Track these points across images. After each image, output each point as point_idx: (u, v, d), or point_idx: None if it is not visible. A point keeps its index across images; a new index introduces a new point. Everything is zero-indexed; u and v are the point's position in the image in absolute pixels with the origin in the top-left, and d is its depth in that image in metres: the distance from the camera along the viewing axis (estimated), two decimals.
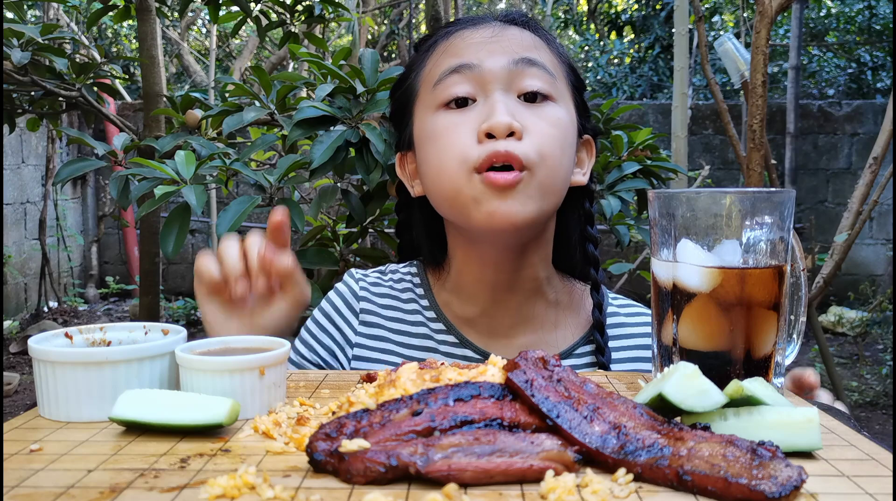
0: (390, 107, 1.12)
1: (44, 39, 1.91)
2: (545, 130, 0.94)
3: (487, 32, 0.99)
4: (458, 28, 1.02)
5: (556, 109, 0.97)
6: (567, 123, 0.98)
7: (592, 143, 1.08)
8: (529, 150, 0.92)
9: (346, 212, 1.64)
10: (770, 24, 2.09)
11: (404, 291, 1.10)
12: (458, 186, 0.94)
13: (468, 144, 0.93)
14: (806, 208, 6.38)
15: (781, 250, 0.76)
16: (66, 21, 5.60)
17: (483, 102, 0.95)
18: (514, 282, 1.03)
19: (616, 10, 9.42)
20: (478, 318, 1.05)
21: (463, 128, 0.94)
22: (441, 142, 0.96)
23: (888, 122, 2.44)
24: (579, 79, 1.05)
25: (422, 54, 1.05)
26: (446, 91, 0.96)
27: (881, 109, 6.32)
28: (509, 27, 1.00)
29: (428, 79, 1.01)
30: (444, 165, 0.95)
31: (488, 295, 1.03)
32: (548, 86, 0.96)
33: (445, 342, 1.05)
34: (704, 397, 0.63)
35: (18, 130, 4.11)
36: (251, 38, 6.64)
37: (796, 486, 0.52)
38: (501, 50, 0.96)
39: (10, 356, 4.93)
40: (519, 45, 0.98)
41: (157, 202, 1.38)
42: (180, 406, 0.65)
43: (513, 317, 1.04)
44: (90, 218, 6.95)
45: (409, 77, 1.05)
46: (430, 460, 0.54)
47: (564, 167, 0.97)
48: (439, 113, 0.97)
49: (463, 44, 0.99)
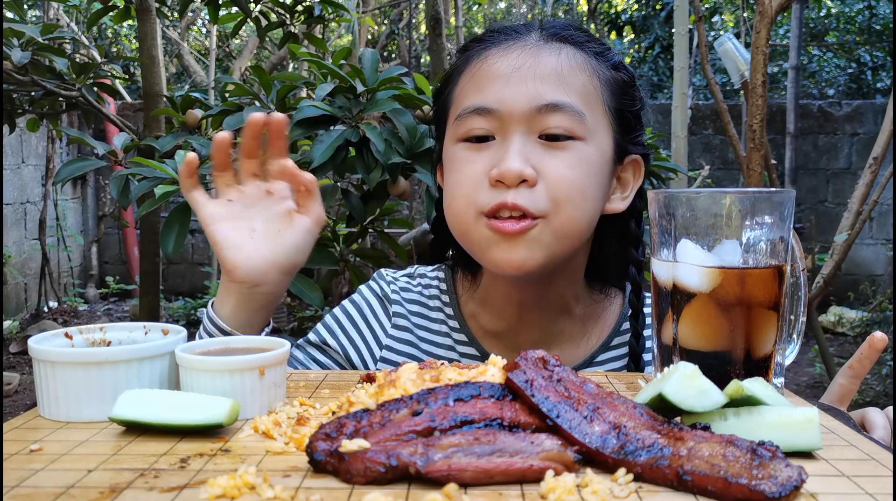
0: (433, 111, 1.09)
1: (44, 39, 1.91)
2: (563, 174, 0.90)
3: (515, 57, 0.94)
4: (490, 46, 0.97)
5: (581, 149, 0.92)
6: (593, 161, 0.93)
7: (641, 163, 1.01)
8: (541, 199, 0.89)
9: (346, 212, 1.64)
10: (770, 24, 2.09)
11: (431, 298, 1.09)
12: (466, 227, 0.93)
13: (478, 185, 0.91)
14: (806, 208, 6.38)
15: (781, 250, 0.76)
16: (66, 21, 5.60)
17: (501, 142, 0.92)
18: (541, 301, 1.01)
19: (616, 10, 9.42)
20: (503, 333, 1.04)
21: (476, 167, 0.92)
22: (454, 178, 0.95)
23: (888, 122, 2.44)
24: (627, 94, 0.99)
25: (459, 65, 1.01)
26: (465, 127, 0.94)
27: (881, 109, 6.32)
28: (543, 48, 0.95)
29: (457, 101, 0.98)
30: (454, 202, 0.95)
31: (514, 312, 1.02)
32: (573, 125, 0.91)
33: (466, 355, 1.04)
34: (704, 397, 0.63)
35: (18, 130, 4.11)
36: (251, 39, 6.64)
37: (796, 486, 0.52)
38: (525, 90, 0.91)
39: (10, 356, 4.93)
40: (548, 78, 0.92)
41: (157, 202, 1.38)
42: (180, 406, 0.65)
43: (537, 333, 1.03)
44: (90, 218, 6.94)
45: (447, 88, 1.02)
46: (430, 460, 0.54)
47: (586, 210, 0.93)
48: (459, 145, 0.95)
49: (490, 73, 0.94)
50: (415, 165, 1.48)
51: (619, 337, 1.05)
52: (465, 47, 1.03)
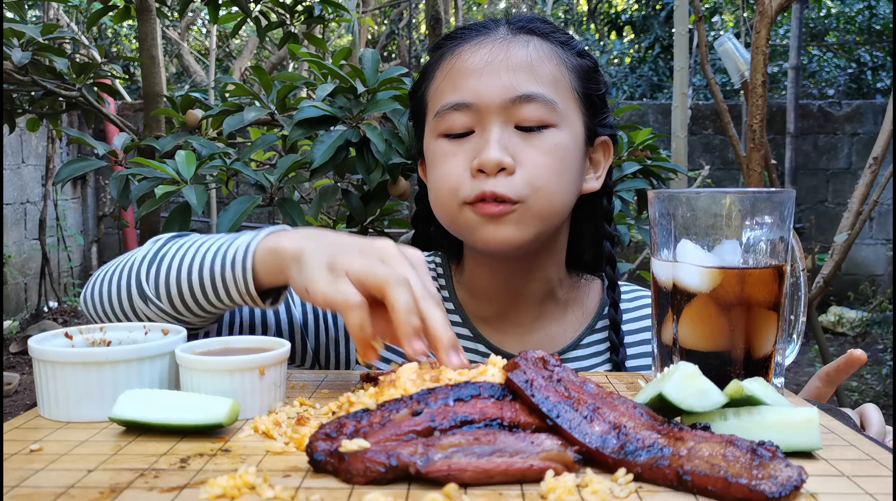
0: (410, 109, 1.14)
1: (44, 39, 1.91)
2: (539, 161, 0.95)
3: (487, 51, 0.98)
4: (462, 43, 1.01)
5: (555, 135, 0.97)
6: (567, 145, 0.98)
7: (609, 143, 1.08)
8: (520, 185, 0.94)
9: (347, 212, 1.64)
10: (770, 24, 2.09)
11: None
12: (452, 216, 0.99)
13: (461, 177, 0.96)
14: (806, 208, 6.38)
15: (781, 250, 0.76)
16: (66, 21, 5.60)
17: (480, 134, 0.97)
18: (526, 288, 1.06)
19: (616, 10, 9.42)
20: (491, 318, 1.08)
21: (458, 159, 0.97)
22: (438, 171, 1.00)
23: (888, 122, 2.44)
24: (592, 79, 1.04)
25: (433, 62, 1.05)
26: (445, 124, 0.99)
27: (881, 109, 6.32)
28: (513, 41, 0.99)
29: (433, 98, 1.02)
30: (439, 195, 1.00)
31: (501, 299, 1.07)
32: (546, 114, 0.96)
33: (460, 336, 1.07)
34: (704, 397, 0.63)
35: (18, 130, 4.12)
36: (251, 39, 6.64)
37: (796, 486, 0.52)
38: (499, 83, 0.96)
39: (10, 356, 4.93)
40: (519, 70, 0.96)
41: (157, 202, 1.38)
42: (180, 406, 0.65)
43: (524, 317, 1.08)
44: (90, 218, 6.94)
45: (423, 86, 1.06)
46: (430, 460, 0.54)
47: (563, 192, 0.98)
48: (440, 140, 1.00)
49: (463, 69, 0.98)
50: (415, 165, 1.48)
51: (603, 321, 1.10)
52: (438, 45, 1.07)
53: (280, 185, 1.50)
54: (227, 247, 0.87)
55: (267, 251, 0.84)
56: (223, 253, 0.87)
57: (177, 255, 0.90)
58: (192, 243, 0.91)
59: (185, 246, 0.91)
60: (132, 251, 0.98)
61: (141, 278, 0.90)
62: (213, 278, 0.86)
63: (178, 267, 0.89)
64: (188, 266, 0.88)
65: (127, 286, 0.91)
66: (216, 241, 0.90)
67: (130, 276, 0.91)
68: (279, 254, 0.82)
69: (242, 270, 0.85)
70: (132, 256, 0.95)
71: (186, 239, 0.94)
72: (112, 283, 0.93)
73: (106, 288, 0.93)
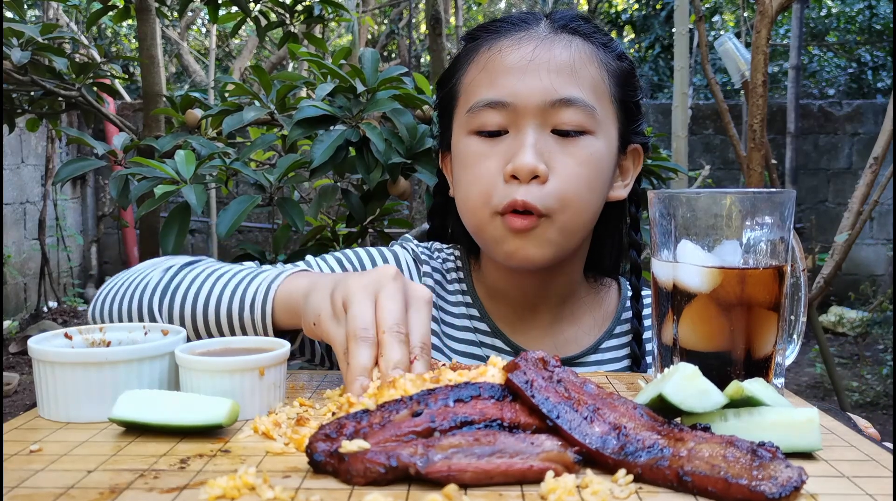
0: (436, 98, 1.10)
1: (44, 39, 1.91)
2: (573, 171, 0.93)
3: (529, 49, 0.94)
4: (501, 37, 0.98)
5: (591, 142, 0.94)
6: (602, 155, 0.96)
7: (640, 151, 1.05)
8: (550, 196, 0.92)
9: (346, 212, 1.64)
10: (770, 23, 2.09)
11: (449, 271, 1.10)
12: (481, 223, 0.96)
13: (493, 182, 0.94)
14: (806, 208, 6.37)
15: (782, 250, 0.76)
16: (65, 21, 5.60)
17: (514, 135, 0.94)
18: (546, 292, 1.05)
19: (616, 10, 9.41)
20: (508, 317, 1.07)
21: (491, 161, 0.94)
22: (469, 173, 0.97)
23: (888, 122, 2.44)
24: (630, 84, 1.01)
25: (468, 53, 1.01)
26: (478, 121, 0.95)
27: (881, 109, 6.31)
28: (555, 40, 0.96)
29: (467, 91, 0.99)
30: (469, 199, 0.97)
31: (518, 302, 1.06)
32: (585, 120, 0.93)
33: (478, 330, 1.06)
34: (704, 397, 0.63)
35: (18, 130, 4.11)
36: (251, 38, 6.64)
37: (796, 487, 0.52)
38: (539, 84, 0.92)
39: (10, 356, 4.93)
40: (561, 71, 0.93)
41: (156, 202, 1.38)
42: (180, 407, 0.65)
43: (541, 320, 1.06)
44: (90, 218, 6.94)
45: (455, 76, 1.02)
46: (430, 461, 0.53)
47: (591, 207, 0.97)
48: (472, 138, 0.97)
49: (502, 65, 0.95)
50: (415, 165, 1.48)
51: (621, 325, 1.08)
52: (473, 35, 1.03)
53: (280, 184, 1.50)
54: (247, 286, 0.87)
55: (286, 295, 0.85)
56: (242, 293, 0.87)
57: (192, 287, 0.90)
58: (208, 277, 0.91)
59: (199, 278, 0.91)
60: (141, 269, 0.96)
61: (154, 307, 0.90)
62: (230, 318, 0.87)
63: (194, 301, 0.89)
64: (204, 302, 0.88)
65: (138, 313, 0.91)
66: (233, 277, 0.90)
67: (142, 303, 0.91)
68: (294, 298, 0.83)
69: (262, 314, 0.86)
70: (143, 277, 0.94)
71: (199, 269, 0.93)
72: (122, 306, 0.92)
73: (116, 309, 0.93)
